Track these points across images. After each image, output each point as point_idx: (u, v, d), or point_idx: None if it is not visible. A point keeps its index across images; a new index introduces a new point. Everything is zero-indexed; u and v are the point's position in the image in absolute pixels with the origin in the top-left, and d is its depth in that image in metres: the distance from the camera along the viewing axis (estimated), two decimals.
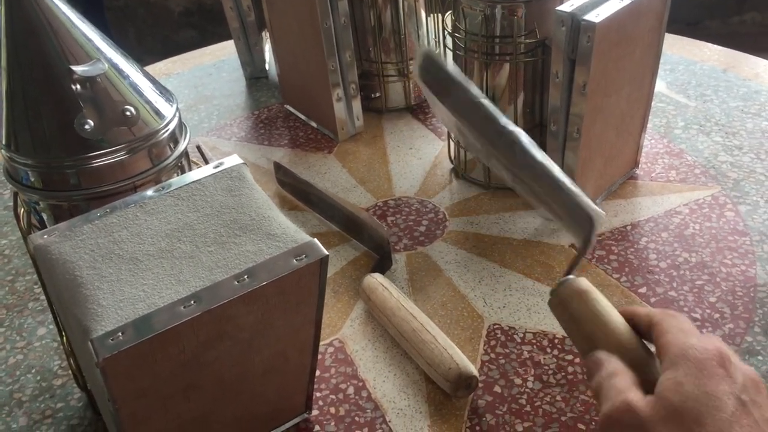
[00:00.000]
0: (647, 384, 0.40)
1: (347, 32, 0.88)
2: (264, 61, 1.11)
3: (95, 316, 0.40)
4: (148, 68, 1.14)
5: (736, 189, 0.78)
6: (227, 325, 0.44)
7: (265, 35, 1.12)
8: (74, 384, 0.63)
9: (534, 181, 0.50)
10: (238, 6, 1.06)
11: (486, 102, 0.51)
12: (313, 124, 0.98)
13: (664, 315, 0.43)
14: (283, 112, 1.02)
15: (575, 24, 0.65)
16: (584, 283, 0.46)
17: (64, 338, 0.59)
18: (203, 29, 2.77)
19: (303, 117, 1.00)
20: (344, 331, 0.66)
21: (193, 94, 1.08)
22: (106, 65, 0.50)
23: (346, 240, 0.78)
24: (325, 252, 0.44)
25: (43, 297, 0.73)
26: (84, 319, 0.40)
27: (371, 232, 0.75)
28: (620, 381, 0.40)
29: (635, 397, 0.39)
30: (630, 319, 0.45)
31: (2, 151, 0.51)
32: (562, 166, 0.73)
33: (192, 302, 0.41)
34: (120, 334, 0.39)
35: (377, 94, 0.99)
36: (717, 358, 0.38)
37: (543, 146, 0.76)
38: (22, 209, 0.55)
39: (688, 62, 1.02)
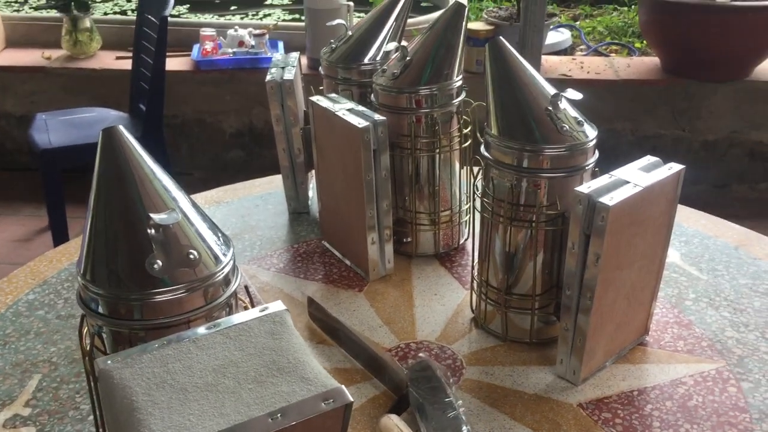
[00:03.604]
0: None
1: (387, 184, 0.97)
2: (308, 198, 1.21)
3: None
4: (203, 194, 1.25)
5: (740, 365, 0.82)
6: None
7: (311, 175, 1.22)
8: None
9: None
10: (290, 147, 1.17)
11: None
12: (347, 262, 1.06)
13: None
14: (320, 248, 1.10)
15: (591, 204, 0.72)
16: None
17: None
18: (251, 150, 2.93)
19: (338, 254, 1.08)
20: None
21: (240, 223, 1.17)
22: (180, 215, 0.58)
23: (368, 378, 0.83)
24: (350, 398, 0.50)
25: (83, 407, 0.79)
26: None
27: (391, 374, 0.80)
28: None
29: None
30: None
31: (78, 278, 0.59)
32: (574, 329, 0.78)
33: None
34: None
35: (408, 239, 1.07)
36: None
37: (558, 307, 0.82)
38: (86, 329, 0.62)
39: (703, 236, 1.08)
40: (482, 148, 0.86)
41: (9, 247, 2.54)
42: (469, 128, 1.04)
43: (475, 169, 0.89)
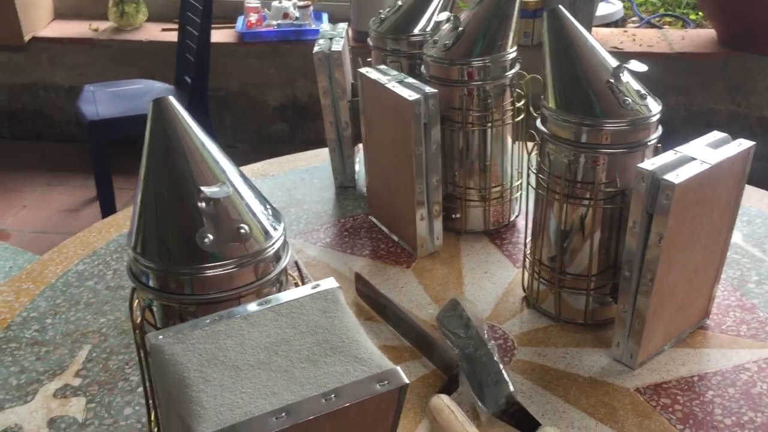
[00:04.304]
0: None
1: (437, 158, 0.95)
2: (354, 172, 1.19)
3: (198, 417, 0.45)
4: (248, 167, 1.24)
5: None
6: None
7: (358, 149, 1.20)
8: None
9: None
10: (337, 121, 1.15)
11: None
12: (395, 238, 1.04)
13: None
14: (367, 223, 1.08)
15: (655, 182, 0.69)
16: None
17: (152, 423, 0.64)
18: (294, 123, 2.92)
19: (385, 230, 1.06)
20: None
21: (286, 196, 1.16)
22: (231, 188, 0.56)
23: (417, 356, 0.81)
24: (406, 380, 0.48)
25: (132, 378, 0.79)
26: (187, 419, 0.45)
27: (441, 353, 0.78)
28: None
29: None
30: None
31: (129, 251, 0.58)
32: (632, 311, 0.75)
33: (283, 414, 0.45)
34: None
35: (457, 216, 1.05)
36: None
37: (615, 288, 0.79)
38: (137, 302, 0.61)
39: (765, 216, 1.04)
40: (538, 122, 0.82)
41: (58, 217, 2.59)
42: (523, 102, 1.00)
43: (529, 144, 0.86)
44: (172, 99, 0.59)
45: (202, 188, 0.55)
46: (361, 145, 1.21)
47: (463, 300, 0.83)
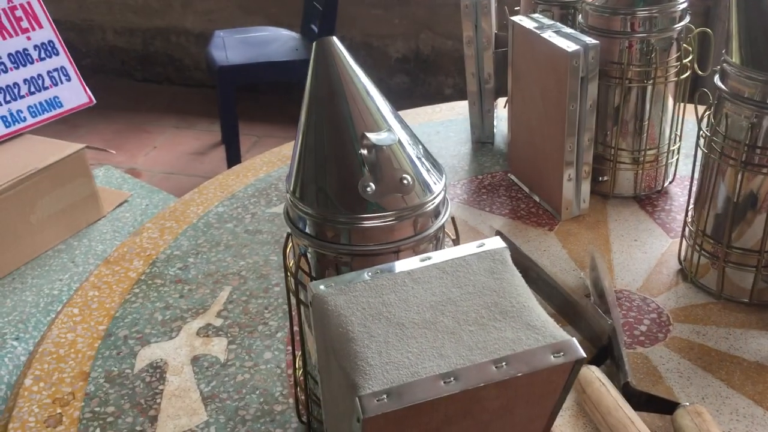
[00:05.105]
0: None
1: (592, 116, 0.89)
2: (493, 127, 1.14)
3: (363, 373, 0.43)
4: None
5: None
6: (474, 406, 0.45)
7: (499, 103, 1.15)
8: (293, 414, 0.67)
9: None
10: (479, 73, 1.10)
11: None
12: (536, 198, 0.99)
13: None
14: (506, 182, 1.04)
15: None
16: None
17: (298, 371, 0.64)
18: (416, 76, 2.88)
19: (526, 189, 1.01)
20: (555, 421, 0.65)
21: None
22: (396, 136, 0.53)
23: (562, 323, 0.77)
24: (583, 354, 0.45)
25: (271, 323, 0.79)
26: (352, 374, 0.43)
27: (591, 322, 0.74)
28: None
29: None
30: None
31: (288, 195, 0.56)
32: None
33: (452, 379, 0.43)
34: (385, 396, 0.42)
35: (605, 178, 0.98)
36: None
37: None
38: (290, 246, 0.60)
39: None
40: (716, 79, 0.75)
41: (186, 160, 2.68)
42: (690, 58, 0.92)
43: (699, 107, 0.78)
44: (335, 39, 0.57)
45: (367, 134, 0.52)
46: (500, 100, 1.16)
47: (598, 259, 0.80)
